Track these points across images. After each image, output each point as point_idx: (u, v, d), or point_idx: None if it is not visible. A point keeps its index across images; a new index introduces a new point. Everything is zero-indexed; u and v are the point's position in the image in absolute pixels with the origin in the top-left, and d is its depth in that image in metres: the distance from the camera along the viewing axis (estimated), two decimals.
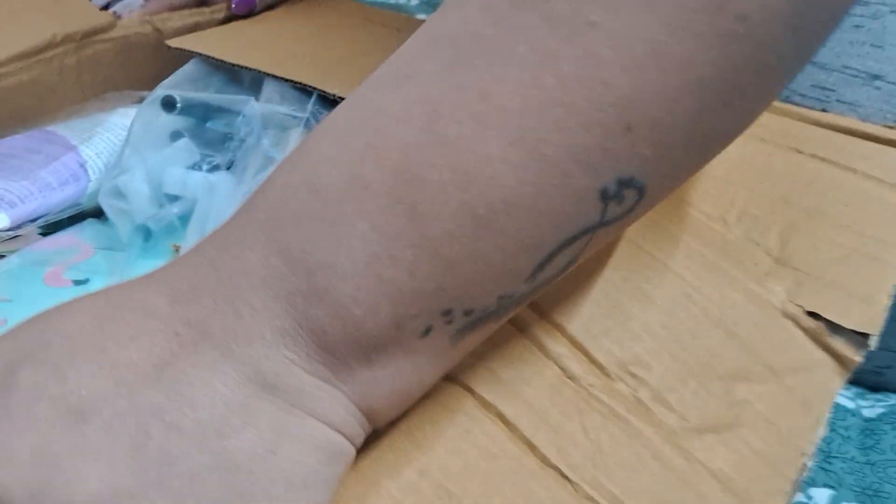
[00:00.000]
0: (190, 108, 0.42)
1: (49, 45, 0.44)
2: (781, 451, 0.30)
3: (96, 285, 0.34)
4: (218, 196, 0.39)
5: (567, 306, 0.33)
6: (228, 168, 0.40)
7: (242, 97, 0.42)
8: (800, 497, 0.36)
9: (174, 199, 0.39)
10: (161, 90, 0.43)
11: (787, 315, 0.34)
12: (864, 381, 0.45)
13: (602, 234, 0.24)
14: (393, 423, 0.26)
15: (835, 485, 0.37)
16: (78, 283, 0.34)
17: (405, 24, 0.55)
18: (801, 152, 0.42)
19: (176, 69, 0.51)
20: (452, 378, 0.29)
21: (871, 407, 0.41)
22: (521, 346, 0.31)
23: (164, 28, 0.50)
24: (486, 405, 0.28)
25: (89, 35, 0.46)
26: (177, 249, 0.37)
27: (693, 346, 0.32)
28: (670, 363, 0.32)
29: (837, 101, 0.48)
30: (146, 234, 0.37)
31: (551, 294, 0.32)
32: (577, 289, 0.33)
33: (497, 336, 0.30)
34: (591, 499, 0.27)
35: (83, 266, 0.35)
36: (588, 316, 0.32)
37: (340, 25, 0.55)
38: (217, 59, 0.46)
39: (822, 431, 0.31)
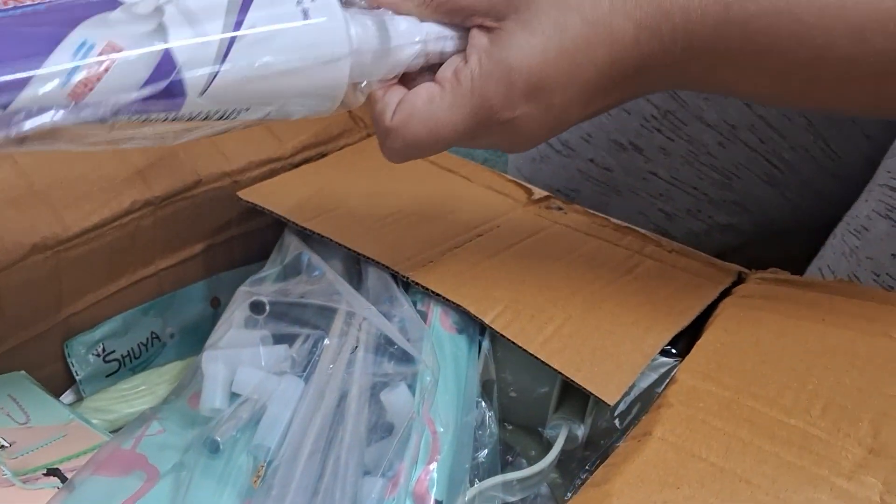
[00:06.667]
0: (278, 311, 0.42)
1: (126, 212, 0.45)
2: None
3: None
4: (281, 402, 0.38)
5: None
6: (304, 371, 0.38)
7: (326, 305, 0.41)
8: None
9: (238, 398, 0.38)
10: (248, 286, 0.42)
11: None
12: None
13: None
14: None
15: None
16: None
17: (470, 170, 0.53)
18: (890, 336, 0.39)
19: (247, 219, 0.51)
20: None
21: None
22: None
23: (242, 179, 0.51)
24: None
25: (171, 196, 0.47)
26: (258, 478, 0.36)
27: None
28: None
29: None
30: (213, 446, 0.35)
31: None
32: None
33: None
34: None
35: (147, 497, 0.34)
36: None
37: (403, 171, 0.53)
38: (286, 219, 0.46)
39: None
